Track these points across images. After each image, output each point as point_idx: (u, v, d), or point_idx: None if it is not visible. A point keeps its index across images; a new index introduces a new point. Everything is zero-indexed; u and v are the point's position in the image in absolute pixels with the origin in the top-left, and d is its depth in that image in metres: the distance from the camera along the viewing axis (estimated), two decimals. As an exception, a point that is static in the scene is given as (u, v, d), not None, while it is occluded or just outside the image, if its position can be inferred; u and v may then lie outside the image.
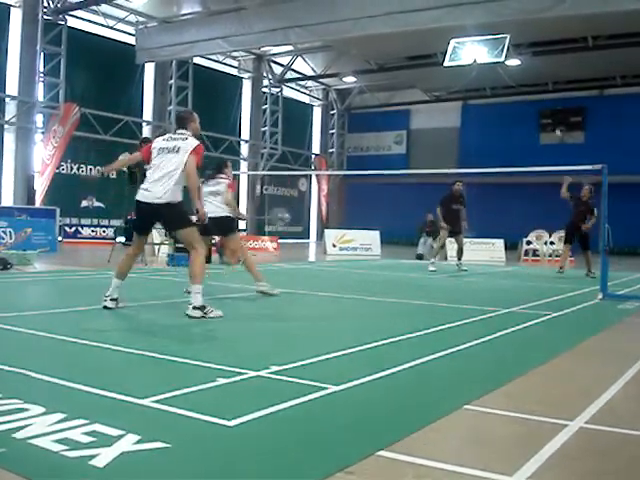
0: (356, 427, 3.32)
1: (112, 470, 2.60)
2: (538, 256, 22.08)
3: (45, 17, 23.12)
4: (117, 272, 7.16)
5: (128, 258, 7.30)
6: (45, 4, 23.17)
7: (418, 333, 6.12)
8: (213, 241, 16.41)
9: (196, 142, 6.95)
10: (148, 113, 28.73)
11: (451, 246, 21.87)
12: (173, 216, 6.89)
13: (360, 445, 3.02)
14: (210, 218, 8.03)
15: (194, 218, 7.33)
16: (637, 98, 31.18)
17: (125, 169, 13.31)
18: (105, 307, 6.98)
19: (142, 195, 6.85)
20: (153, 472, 2.64)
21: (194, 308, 6.61)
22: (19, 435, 2.95)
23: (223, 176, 9.14)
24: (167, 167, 6.78)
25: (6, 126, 23.24)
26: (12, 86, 23.23)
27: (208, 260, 14.59)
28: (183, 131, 7.11)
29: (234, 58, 32.06)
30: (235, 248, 9.81)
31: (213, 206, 8.67)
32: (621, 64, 28.65)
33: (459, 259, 15.72)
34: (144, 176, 14.69)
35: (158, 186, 6.74)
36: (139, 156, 7.40)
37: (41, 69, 23.40)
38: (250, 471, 2.69)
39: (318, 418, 3.46)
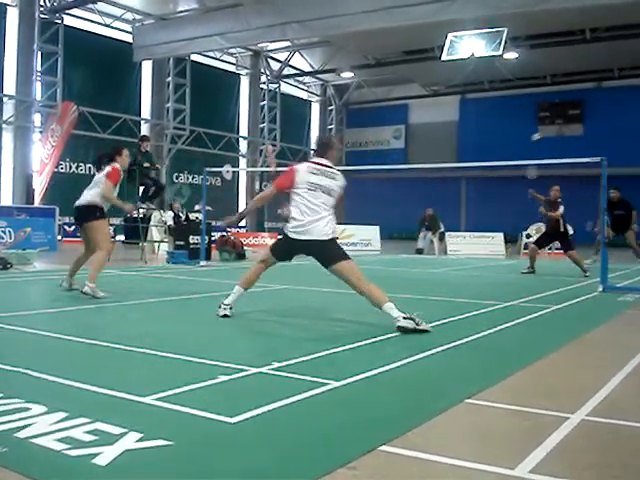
0: (358, 422, 3.32)
1: (114, 468, 2.60)
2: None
3: (42, 16, 23.12)
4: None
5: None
6: (41, 3, 23.20)
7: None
8: (213, 237, 16.44)
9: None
10: (146, 111, 28.72)
11: (451, 240, 21.93)
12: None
13: (362, 440, 3.02)
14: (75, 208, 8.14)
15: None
16: (635, 90, 31.19)
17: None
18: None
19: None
20: (155, 470, 2.64)
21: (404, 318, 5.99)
22: (21, 434, 2.95)
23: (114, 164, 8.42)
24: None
25: (4, 125, 23.24)
26: (9, 85, 23.23)
27: (208, 257, 14.64)
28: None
29: (231, 55, 32.05)
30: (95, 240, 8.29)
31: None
32: (619, 56, 28.65)
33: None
34: (143, 175, 14.76)
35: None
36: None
37: (38, 68, 23.41)
38: (252, 467, 2.69)
39: (320, 414, 3.46)
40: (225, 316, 6.53)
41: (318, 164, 6.62)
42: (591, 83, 32.91)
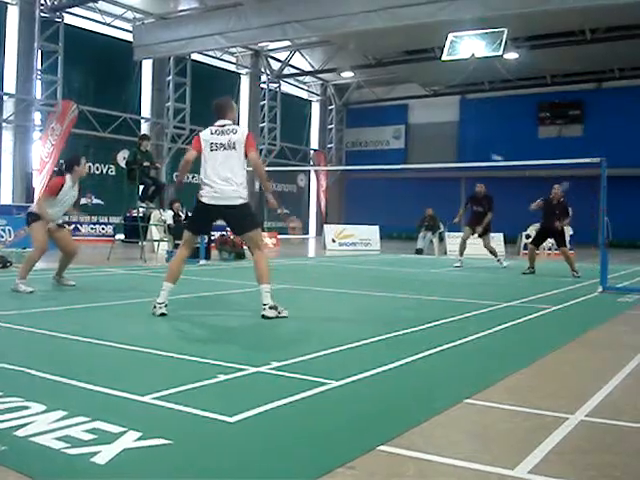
0: (357, 422, 3.33)
1: (113, 467, 2.60)
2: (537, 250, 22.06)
3: (42, 14, 23.08)
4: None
5: None
6: (42, 1, 23.13)
7: (418, 328, 6.12)
8: (212, 237, 16.44)
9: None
10: (146, 110, 28.69)
11: (450, 240, 21.92)
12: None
13: (361, 440, 3.02)
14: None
15: None
16: (635, 91, 31.17)
17: (125, 166, 13.34)
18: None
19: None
20: (154, 469, 2.64)
21: (270, 308, 6.51)
22: (20, 433, 2.95)
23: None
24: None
25: (4, 124, 23.20)
26: (9, 84, 23.19)
27: (207, 256, 14.64)
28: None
29: (232, 54, 32.02)
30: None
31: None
32: (619, 57, 28.62)
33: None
34: (143, 174, 14.75)
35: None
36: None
37: (38, 67, 23.36)
38: (251, 467, 2.70)
39: (319, 413, 3.47)
40: (162, 314, 6.45)
41: (219, 125, 6.86)
42: (591, 84, 32.89)
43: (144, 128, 28.30)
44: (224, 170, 6.65)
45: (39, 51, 23.24)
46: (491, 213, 14.99)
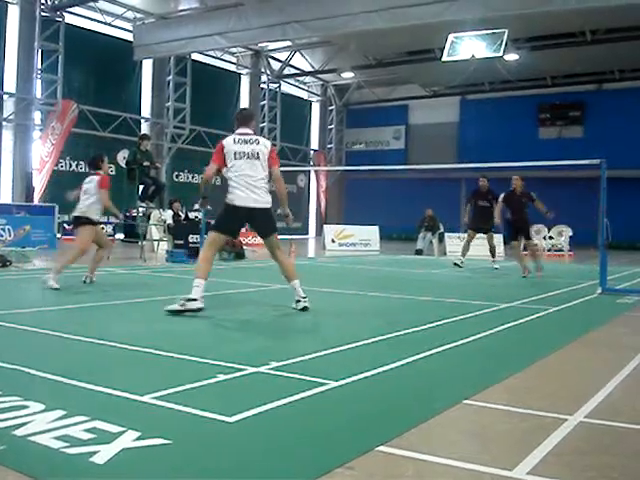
0: (356, 422, 3.33)
1: (112, 467, 2.60)
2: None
3: (42, 14, 23.10)
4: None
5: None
6: (42, 1, 23.15)
7: (418, 328, 6.12)
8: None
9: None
10: (146, 110, 28.69)
11: (450, 241, 21.92)
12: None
13: (360, 440, 3.02)
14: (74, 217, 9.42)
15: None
16: (636, 92, 31.16)
17: (125, 165, 13.36)
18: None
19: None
20: (153, 468, 2.64)
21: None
22: (19, 432, 2.95)
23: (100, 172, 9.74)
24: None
25: (4, 123, 23.20)
26: (10, 83, 23.20)
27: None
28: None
29: (232, 54, 32.02)
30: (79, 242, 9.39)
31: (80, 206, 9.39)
32: (619, 58, 28.62)
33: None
34: (143, 173, 14.77)
35: None
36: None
37: (39, 66, 23.38)
38: (250, 467, 2.70)
39: (318, 414, 3.47)
40: (199, 309, 6.64)
41: (241, 134, 7.22)
42: (592, 85, 32.88)
43: (144, 128, 28.29)
44: (248, 177, 7.02)
45: (39, 50, 23.26)
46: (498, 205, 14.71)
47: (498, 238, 21.42)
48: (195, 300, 6.61)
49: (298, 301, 7.19)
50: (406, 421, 3.32)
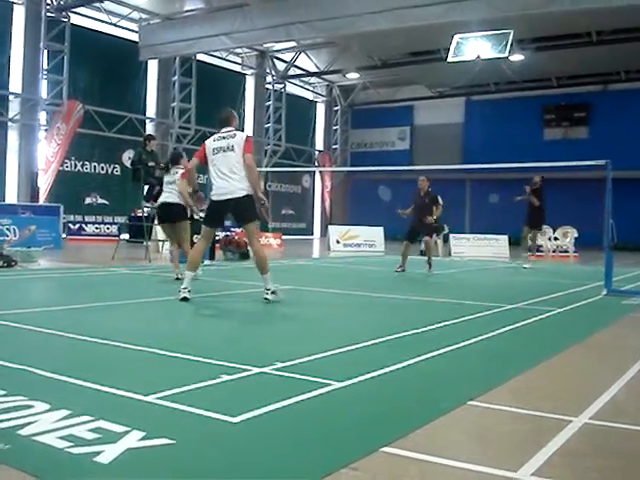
0: (360, 423, 3.33)
1: (117, 466, 2.61)
2: (542, 252, 22.04)
3: (48, 14, 23.15)
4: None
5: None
6: (48, 1, 23.21)
7: (422, 329, 6.12)
8: (217, 237, 16.47)
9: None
10: (151, 110, 28.73)
11: (454, 242, 21.91)
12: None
13: (364, 441, 3.02)
14: (163, 204, 9.99)
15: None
16: (642, 93, 31.12)
17: (130, 165, 13.40)
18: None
19: None
20: (158, 468, 2.65)
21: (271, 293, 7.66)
22: (24, 432, 2.96)
23: (180, 167, 10.18)
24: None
25: (10, 123, 23.26)
26: (16, 83, 23.26)
27: (212, 256, 14.65)
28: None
29: (237, 54, 32.04)
30: (182, 238, 10.33)
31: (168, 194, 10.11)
32: (625, 59, 28.57)
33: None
34: (148, 174, 14.79)
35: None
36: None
37: (44, 66, 23.43)
38: (254, 467, 2.70)
39: (322, 414, 3.47)
40: (185, 299, 7.47)
41: (220, 133, 7.88)
42: (597, 86, 32.82)
43: (149, 128, 28.32)
44: (223, 169, 7.57)
45: (45, 51, 23.32)
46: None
47: (503, 239, 21.44)
48: None
49: (266, 292, 7.65)
50: (410, 422, 3.32)
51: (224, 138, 7.75)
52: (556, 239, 22.18)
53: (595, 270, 13.22)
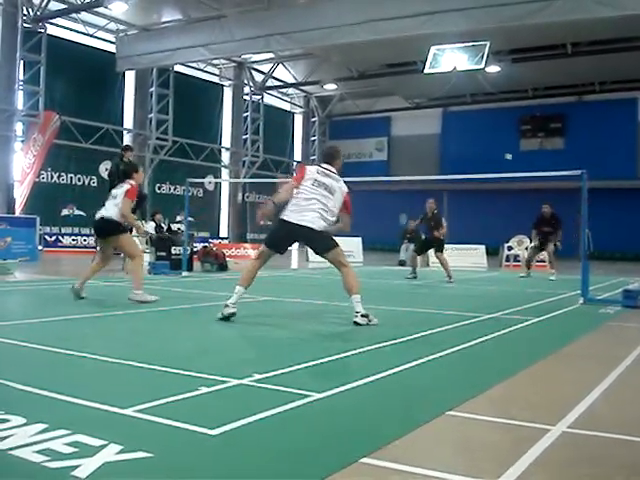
0: (339, 434, 3.32)
1: (94, 481, 2.58)
2: (519, 261, 22.16)
3: (25, 25, 23.03)
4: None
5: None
6: (24, 12, 23.07)
7: (401, 339, 6.13)
8: (195, 248, 16.41)
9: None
10: (129, 121, 28.65)
11: (432, 252, 21.95)
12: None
13: (344, 452, 3.01)
14: (98, 219, 8.87)
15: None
16: (616, 104, 31.52)
17: (107, 177, 13.29)
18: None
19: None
20: (136, 482, 2.62)
21: (361, 316, 7.15)
22: (0, 446, 2.92)
23: (131, 181, 9.07)
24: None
25: (-15, 135, 23.07)
26: (-9, 94, 23.08)
27: (190, 268, 14.60)
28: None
29: (215, 66, 32.07)
30: (127, 253, 9.79)
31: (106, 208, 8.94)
32: (600, 70, 28.95)
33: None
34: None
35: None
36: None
37: (21, 77, 23.29)
38: (234, 480, 2.68)
39: (301, 426, 3.45)
40: (232, 314, 7.06)
41: (325, 168, 7.60)
42: (572, 97, 33.23)
43: (126, 139, 28.24)
44: (317, 204, 7.28)
45: (21, 61, 23.18)
46: (560, 231, 15.75)
47: (481, 250, 21.53)
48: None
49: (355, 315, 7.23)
50: (390, 433, 3.31)
51: (328, 176, 7.52)
52: (510, 248, 22.45)
53: (571, 279, 13.32)
